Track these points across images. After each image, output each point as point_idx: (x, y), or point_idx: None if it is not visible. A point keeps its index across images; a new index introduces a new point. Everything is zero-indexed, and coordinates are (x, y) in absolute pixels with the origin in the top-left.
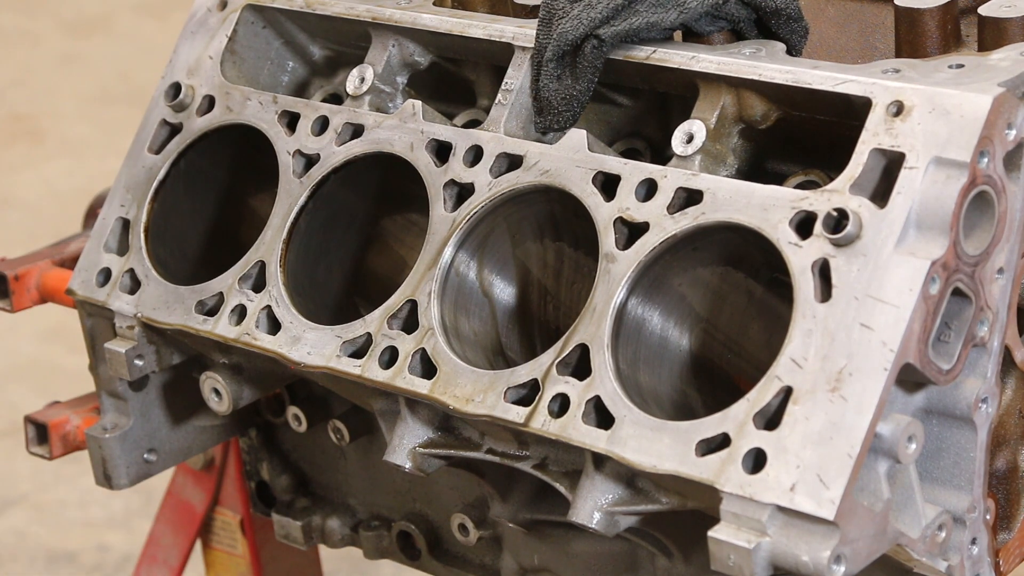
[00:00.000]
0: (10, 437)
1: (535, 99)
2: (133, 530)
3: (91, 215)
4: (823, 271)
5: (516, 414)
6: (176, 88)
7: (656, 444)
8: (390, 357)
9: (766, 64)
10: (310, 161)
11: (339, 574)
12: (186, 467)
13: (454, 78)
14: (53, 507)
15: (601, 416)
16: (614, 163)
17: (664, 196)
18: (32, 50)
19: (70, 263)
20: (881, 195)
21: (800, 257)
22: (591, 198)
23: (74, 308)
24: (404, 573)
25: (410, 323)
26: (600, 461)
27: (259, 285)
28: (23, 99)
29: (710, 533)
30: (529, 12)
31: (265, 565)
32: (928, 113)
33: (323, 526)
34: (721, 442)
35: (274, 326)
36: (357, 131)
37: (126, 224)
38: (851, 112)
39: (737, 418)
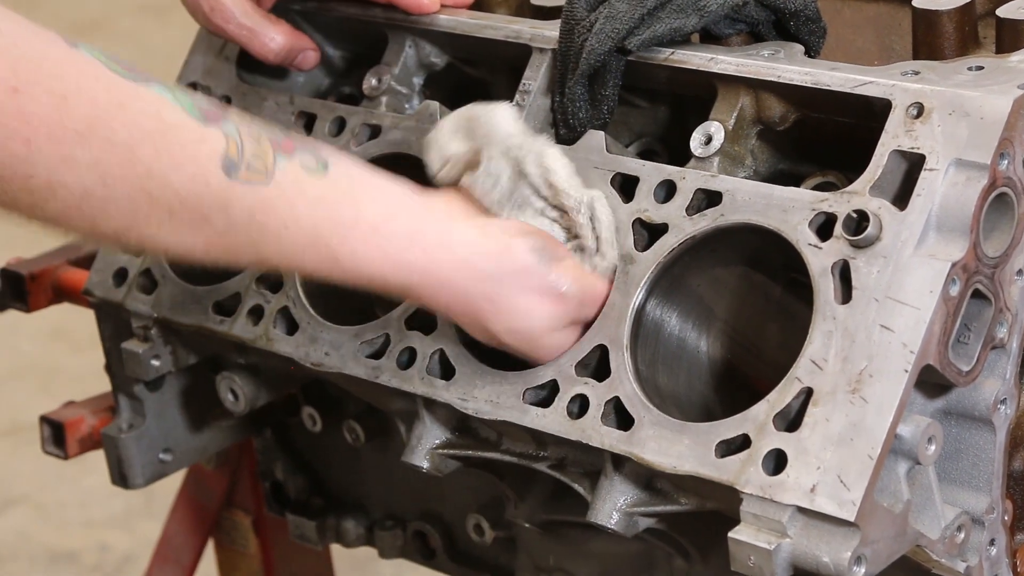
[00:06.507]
0: (11, 437)
1: (561, 113)
2: (134, 530)
3: None
4: (843, 273)
5: (534, 416)
6: (193, 88)
7: (675, 445)
8: (408, 358)
9: (784, 66)
10: None
11: (339, 573)
12: (199, 466)
13: (471, 79)
14: (54, 507)
15: (620, 417)
16: (632, 164)
17: (683, 197)
18: None
19: (86, 263)
20: (901, 197)
21: (820, 259)
22: (610, 199)
23: (90, 308)
24: (405, 573)
25: (427, 322)
26: (619, 462)
27: (276, 286)
28: None
29: (731, 534)
30: (547, 14)
31: (277, 565)
32: (948, 115)
33: (338, 526)
34: (741, 443)
35: (291, 327)
36: (374, 132)
37: None
38: (870, 114)
39: (757, 419)
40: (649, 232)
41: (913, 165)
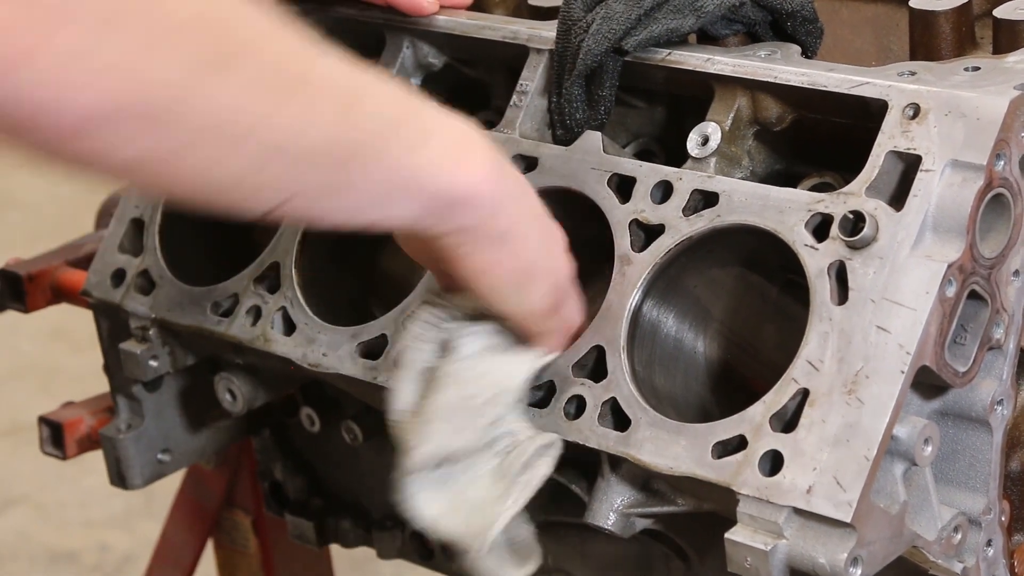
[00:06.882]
0: (11, 437)
1: (558, 113)
2: (134, 530)
3: (104, 215)
4: (839, 274)
5: (532, 416)
6: None
7: (672, 446)
8: None
9: (781, 66)
10: None
11: (339, 573)
12: (198, 466)
13: (468, 80)
14: (54, 507)
15: (617, 418)
16: (629, 165)
17: (680, 198)
18: None
19: (84, 263)
20: (897, 198)
21: (816, 260)
22: (606, 200)
23: (88, 309)
24: (405, 573)
25: None
26: (616, 463)
27: (274, 286)
28: None
29: (727, 535)
30: (544, 14)
31: (277, 565)
32: (944, 116)
33: (337, 526)
34: (737, 444)
35: (289, 327)
36: None
37: (140, 225)
38: (867, 115)
39: (753, 420)
40: (646, 233)
41: (909, 166)
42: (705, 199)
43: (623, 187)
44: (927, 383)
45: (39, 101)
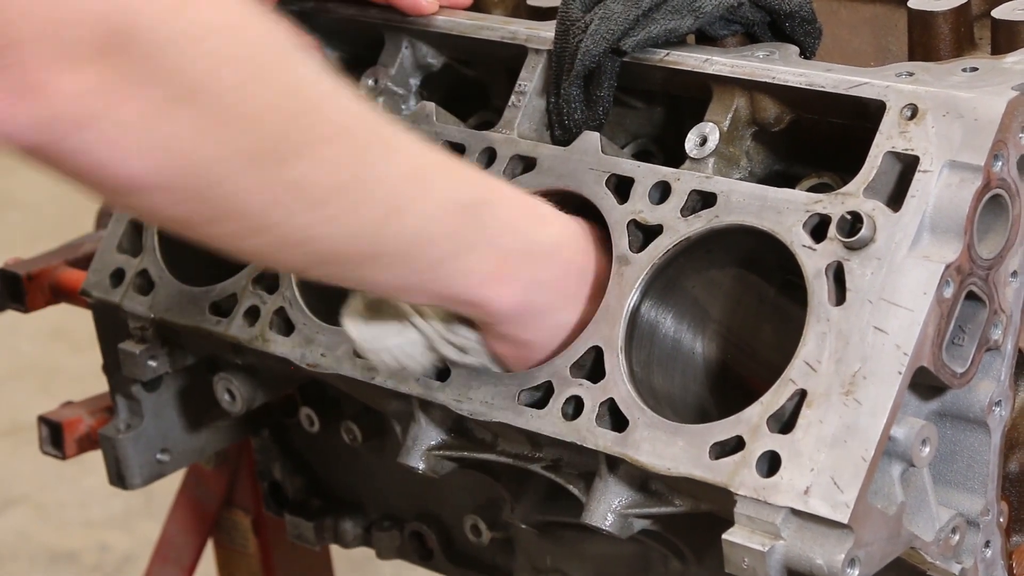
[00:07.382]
0: (11, 437)
1: (557, 114)
2: (134, 530)
3: (104, 215)
4: (837, 274)
5: (529, 417)
6: None
7: (670, 447)
8: None
9: (780, 67)
10: None
11: (339, 573)
12: (199, 466)
13: (467, 80)
14: (54, 507)
15: (615, 419)
16: (627, 165)
17: (678, 199)
18: None
19: (84, 263)
20: (895, 198)
21: (814, 260)
22: (604, 201)
23: (88, 309)
24: (404, 573)
25: None
26: (614, 463)
27: (272, 286)
28: None
29: (724, 536)
30: (543, 14)
31: (276, 564)
32: (942, 116)
33: (336, 526)
34: (735, 445)
35: (287, 328)
36: None
37: (139, 225)
38: (865, 115)
39: (751, 421)
40: (644, 233)
41: (907, 166)
42: (703, 200)
43: (621, 187)
44: (925, 384)
45: (98, 160)
